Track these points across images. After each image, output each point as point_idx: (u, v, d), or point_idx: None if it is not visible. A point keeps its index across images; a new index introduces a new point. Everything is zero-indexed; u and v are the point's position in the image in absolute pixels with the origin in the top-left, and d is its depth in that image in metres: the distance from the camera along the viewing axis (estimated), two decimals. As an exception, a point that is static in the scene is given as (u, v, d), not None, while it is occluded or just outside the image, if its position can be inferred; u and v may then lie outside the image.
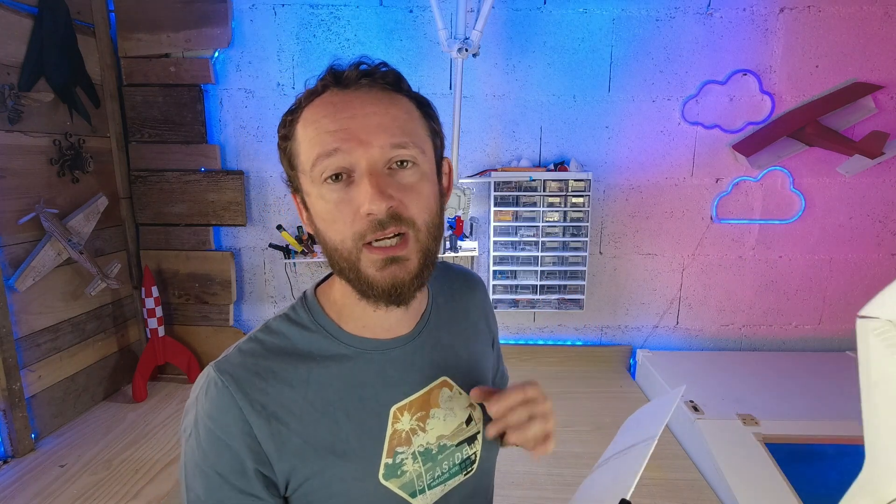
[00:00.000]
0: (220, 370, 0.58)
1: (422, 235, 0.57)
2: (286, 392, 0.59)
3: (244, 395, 0.57)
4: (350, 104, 0.56)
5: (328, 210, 0.56)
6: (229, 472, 0.56)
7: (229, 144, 2.44)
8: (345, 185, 0.55)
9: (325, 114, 0.56)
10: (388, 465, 0.62)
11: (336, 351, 0.62)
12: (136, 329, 2.49)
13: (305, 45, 2.35)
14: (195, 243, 2.46)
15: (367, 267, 0.56)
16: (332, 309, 0.64)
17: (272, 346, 0.61)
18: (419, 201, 0.57)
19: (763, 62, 2.31)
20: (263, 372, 0.59)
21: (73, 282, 2.10)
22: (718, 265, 2.52)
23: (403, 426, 0.63)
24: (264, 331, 0.63)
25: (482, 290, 0.82)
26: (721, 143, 2.39)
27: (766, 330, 2.57)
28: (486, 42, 2.30)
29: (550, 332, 2.62)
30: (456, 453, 0.67)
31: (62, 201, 2.04)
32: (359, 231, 0.54)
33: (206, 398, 0.57)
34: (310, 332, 0.63)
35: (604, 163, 2.43)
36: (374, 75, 0.58)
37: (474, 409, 0.70)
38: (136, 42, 2.29)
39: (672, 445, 1.83)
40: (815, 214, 2.44)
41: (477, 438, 0.69)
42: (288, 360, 0.60)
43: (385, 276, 0.55)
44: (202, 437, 0.56)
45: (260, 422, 0.57)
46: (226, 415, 0.56)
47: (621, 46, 2.33)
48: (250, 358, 0.60)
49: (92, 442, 1.91)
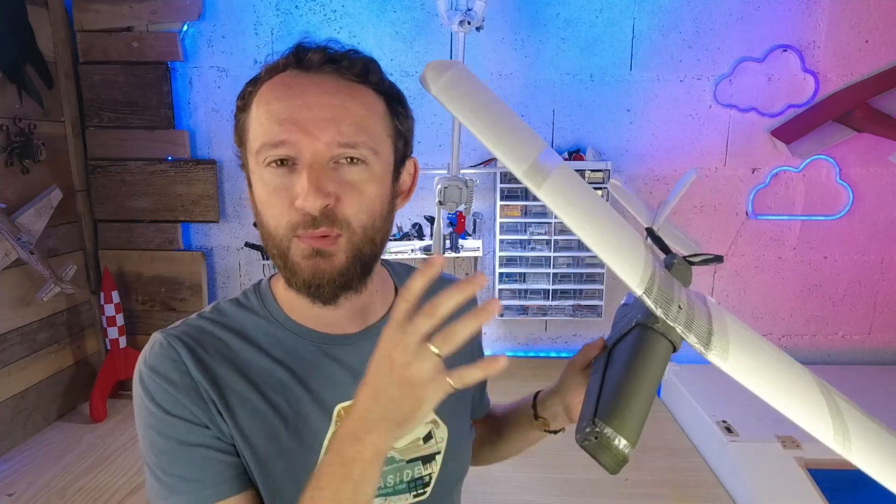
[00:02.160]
0: (165, 333, 0.64)
1: (355, 238, 0.61)
2: (228, 369, 0.64)
3: (191, 355, 0.63)
4: (306, 90, 0.59)
5: (267, 193, 0.60)
6: (185, 413, 0.61)
7: (200, 130, 2.44)
8: (287, 172, 0.59)
9: (278, 96, 0.60)
10: None
11: (281, 338, 0.67)
12: (94, 339, 2.48)
13: (286, 17, 2.34)
14: (161, 242, 2.45)
15: (294, 255, 0.60)
16: (281, 297, 0.70)
17: (220, 324, 0.67)
18: (360, 202, 0.60)
19: (806, 37, 2.31)
20: (208, 346, 0.65)
21: (23, 286, 2.10)
22: (755, 267, 2.51)
23: None
24: (214, 311, 0.69)
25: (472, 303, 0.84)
26: (758, 128, 2.39)
27: (808, 340, 2.57)
28: (492, 14, 2.29)
29: (565, 342, 2.62)
30: (405, 470, 0.70)
31: (10, 194, 2.04)
32: (292, 221, 0.59)
33: (150, 355, 0.63)
34: (258, 317, 0.68)
35: (624, 151, 2.43)
36: (339, 62, 0.61)
37: (437, 427, 0.72)
38: (94, 14, 2.29)
39: (702, 471, 1.83)
40: (865, 209, 2.44)
41: (435, 459, 0.71)
42: (234, 341, 0.66)
43: (308, 265, 0.60)
44: (151, 390, 0.61)
45: (204, 383, 0.62)
46: (169, 368, 0.62)
47: (645, 18, 2.32)
48: (197, 332, 0.66)
49: (44, 468, 1.91)
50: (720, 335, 0.55)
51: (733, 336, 0.56)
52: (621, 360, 0.60)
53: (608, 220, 0.58)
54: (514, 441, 0.88)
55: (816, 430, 0.51)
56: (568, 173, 0.58)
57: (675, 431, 2.08)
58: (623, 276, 0.52)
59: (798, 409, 0.52)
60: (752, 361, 0.54)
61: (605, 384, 0.59)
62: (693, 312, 0.57)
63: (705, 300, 0.63)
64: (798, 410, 0.52)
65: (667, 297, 0.56)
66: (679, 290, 0.60)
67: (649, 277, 0.55)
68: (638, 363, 0.58)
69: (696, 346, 0.54)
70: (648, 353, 0.58)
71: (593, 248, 0.52)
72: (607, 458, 0.53)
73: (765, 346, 0.58)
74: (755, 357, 0.55)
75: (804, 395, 0.54)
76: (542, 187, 0.52)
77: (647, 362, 0.58)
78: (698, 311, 0.58)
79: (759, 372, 0.53)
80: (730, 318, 0.59)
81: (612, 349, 0.65)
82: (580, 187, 0.58)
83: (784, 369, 0.56)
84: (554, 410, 0.77)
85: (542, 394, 0.81)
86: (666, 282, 0.58)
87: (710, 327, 0.56)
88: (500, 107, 0.62)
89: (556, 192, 0.54)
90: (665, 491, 1.72)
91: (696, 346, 0.54)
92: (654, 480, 1.76)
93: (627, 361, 0.59)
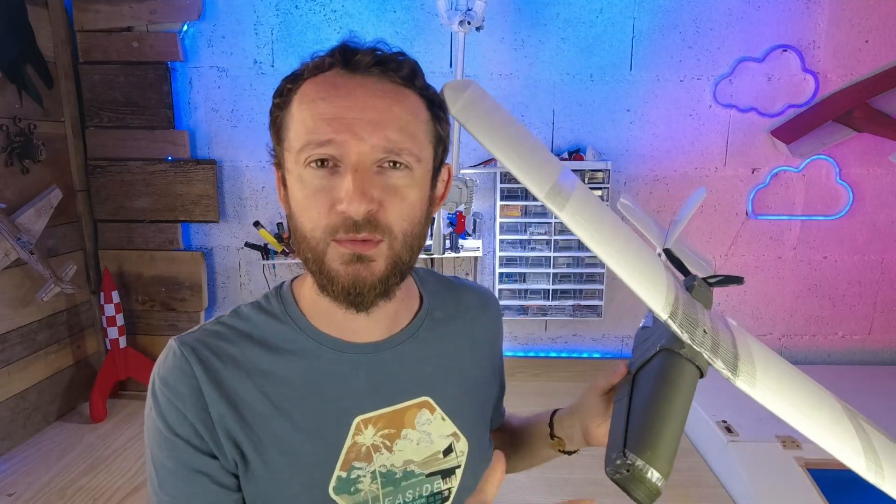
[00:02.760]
0: (180, 342, 0.63)
1: (396, 244, 0.59)
2: (243, 380, 0.62)
3: (202, 367, 0.61)
4: (353, 92, 0.58)
5: (305, 195, 0.58)
6: (190, 434, 0.60)
7: (200, 130, 2.44)
8: (328, 173, 0.57)
9: (324, 95, 0.57)
10: (342, 478, 0.63)
11: (302, 345, 0.65)
12: (94, 339, 2.49)
13: (286, 16, 2.35)
14: (161, 242, 2.45)
15: (332, 260, 0.58)
16: (304, 303, 0.68)
17: (238, 330, 0.65)
18: (401, 207, 0.59)
19: (806, 37, 2.31)
20: (223, 355, 0.63)
21: (23, 286, 2.10)
22: (755, 266, 2.52)
23: (365, 440, 0.65)
24: (233, 315, 0.67)
25: (495, 311, 0.84)
26: (758, 128, 2.39)
27: (808, 340, 2.57)
28: (492, 14, 2.30)
29: (564, 342, 2.62)
30: (425, 484, 0.68)
31: (10, 194, 2.04)
32: (331, 224, 0.57)
33: (164, 366, 0.62)
34: (279, 322, 0.66)
35: (624, 151, 2.43)
36: (387, 65, 0.59)
37: (457, 440, 0.70)
38: (95, 14, 2.29)
39: (702, 471, 1.83)
40: (865, 209, 2.44)
41: (455, 473, 0.70)
42: (251, 348, 0.64)
43: (349, 271, 0.58)
44: (161, 403, 0.61)
45: (214, 397, 0.61)
46: (180, 382, 0.60)
47: (645, 18, 2.32)
48: (213, 338, 0.64)
49: (44, 468, 1.91)
50: (746, 360, 0.54)
51: (759, 361, 0.55)
52: (647, 386, 0.58)
53: (629, 242, 0.57)
54: (526, 456, 0.87)
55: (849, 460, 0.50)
56: (587, 194, 0.57)
57: (675, 431, 2.08)
58: (648, 301, 0.51)
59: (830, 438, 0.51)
60: (779, 387, 0.53)
61: (632, 412, 0.58)
62: (718, 336, 0.56)
63: (727, 323, 0.61)
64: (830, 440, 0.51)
65: (692, 320, 0.55)
66: (703, 313, 0.59)
67: (673, 301, 0.54)
68: (666, 390, 0.56)
69: (723, 371, 0.53)
70: (675, 380, 0.56)
71: (617, 271, 0.52)
72: (640, 491, 0.51)
73: (789, 370, 0.57)
74: (782, 382, 0.54)
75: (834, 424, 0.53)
76: (564, 209, 0.52)
77: (674, 389, 0.56)
78: (723, 335, 0.57)
79: (787, 399, 0.52)
80: (752, 341, 0.58)
81: (636, 374, 0.63)
82: (599, 208, 0.58)
83: (811, 395, 0.55)
84: (571, 432, 0.76)
85: (559, 413, 0.80)
86: (689, 305, 0.58)
87: (735, 352, 0.55)
88: (516, 127, 0.61)
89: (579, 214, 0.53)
90: (665, 491, 1.71)
91: (724, 371, 0.53)
92: (654, 480, 1.76)
93: (654, 389, 0.57)
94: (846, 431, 0.53)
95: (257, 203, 2.49)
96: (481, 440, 0.74)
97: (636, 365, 0.64)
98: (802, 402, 0.54)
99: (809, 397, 0.55)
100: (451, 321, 0.75)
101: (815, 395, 0.55)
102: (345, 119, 0.56)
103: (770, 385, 0.53)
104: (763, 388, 0.52)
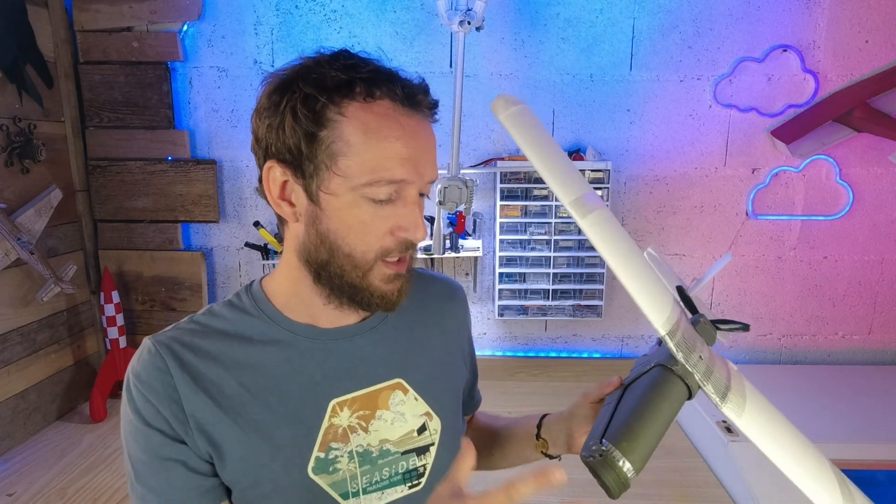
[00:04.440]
0: (155, 340, 0.66)
1: (414, 255, 0.69)
2: (219, 372, 0.66)
3: (177, 362, 0.64)
4: (417, 132, 0.64)
5: (362, 222, 0.63)
6: (164, 425, 0.63)
7: (200, 130, 2.44)
8: (385, 204, 0.63)
9: (396, 135, 0.62)
10: (320, 458, 0.67)
11: (275, 335, 0.69)
12: (94, 339, 2.48)
13: (286, 16, 2.35)
14: (161, 242, 2.45)
15: (375, 278, 0.65)
16: (276, 297, 0.72)
17: (211, 327, 0.69)
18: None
19: (806, 37, 2.31)
20: (199, 351, 0.66)
21: (23, 286, 2.10)
22: (755, 267, 2.52)
23: (341, 422, 0.68)
24: (206, 313, 0.71)
25: (462, 301, 0.90)
26: (758, 128, 2.39)
27: (808, 340, 2.57)
28: (492, 14, 2.29)
29: (564, 342, 2.62)
30: (400, 461, 0.71)
31: (10, 194, 2.04)
32: (386, 247, 0.64)
33: (138, 362, 0.65)
34: (250, 317, 0.70)
35: (625, 151, 2.43)
36: (433, 104, 0.68)
37: (430, 419, 0.74)
38: (95, 14, 2.29)
39: (702, 472, 1.83)
40: (865, 209, 2.44)
41: (429, 450, 0.74)
42: (225, 342, 0.68)
43: (392, 288, 0.66)
44: (134, 398, 0.64)
45: (188, 392, 0.63)
46: (154, 377, 0.63)
47: (645, 19, 2.32)
48: (187, 335, 0.67)
49: (44, 468, 1.91)
50: (737, 393, 0.56)
51: (751, 398, 0.57)
52: (636, 393, 0.61)
53: (642, 263, 0.60)
54: (509, 455, 0.89)
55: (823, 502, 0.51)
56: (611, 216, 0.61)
57: (675, 431, 2.08)
58: (649, 315, 0.54)
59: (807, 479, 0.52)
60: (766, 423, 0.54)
61: (616, 413, 0.60)
62: (713, 367, 0.58)
63: (727, 365, 0.64)
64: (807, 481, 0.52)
65: (689, 345, 0.57)
66: (702, 345, 0.61)
67: (675, 322, 0.56)
68: (652, 397, 0.59)
69: (711, 395, 0.55)
70: (664, 391, 0.59)
71: (625, 282, 0.54)
72: (610, 477, 0.54)
73: (782, 418, 0.59)
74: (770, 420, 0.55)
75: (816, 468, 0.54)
76: (586, 217, 0.56)
77: (661, 397, 0.58)
78: (718, 368, 0.59)
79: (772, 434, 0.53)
80: (749, 386, 0.60)
81: (627, 386, 0.66)
82: (619, 229, 0.61)
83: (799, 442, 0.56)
84: (557, 436, 0.79)
85: (549, 417, 0.83)
86: (690, 333, 0.60)
87: (728, 384, 0.57)
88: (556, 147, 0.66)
89: (599, 225, 0.57)
90: (665, 491, 1.72)
91: (712, 395, 0.55)
92: (654, 480, 1.76)
93: (642, 395, 0.59)
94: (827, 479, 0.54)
95: (257, 203, 2.49)
96: (454, 419, 0.79)
97: (630, 379, 0.67)
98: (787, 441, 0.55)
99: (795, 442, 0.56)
100: (419, 309, 0.80)
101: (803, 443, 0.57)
102: (417, 160, 0.63)
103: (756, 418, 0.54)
104: (749, 418, 0.54)
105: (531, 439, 0.82)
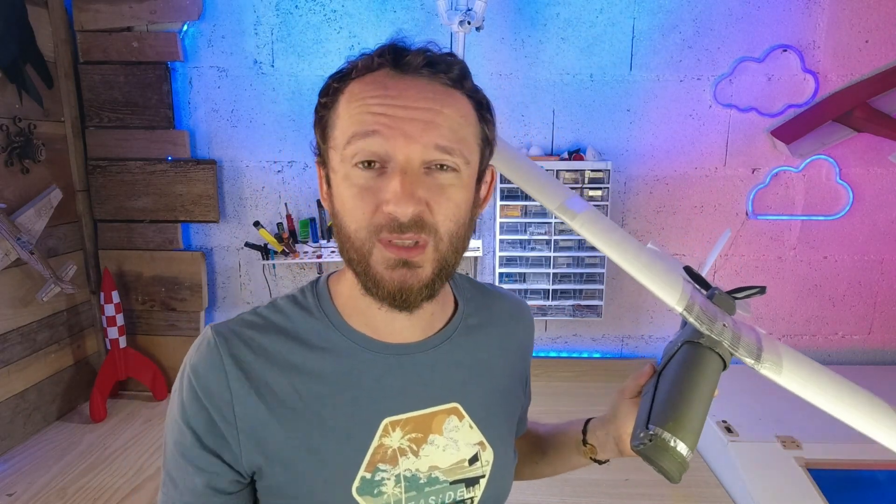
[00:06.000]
0: (216, 330, 0.63)
1: (442, 245, 0.58)
2: (274, 373, 0.62)
3: (233, 360, 0.62)
4: (404, 93, 0.57)
5: (351, 195, 0.57)
6: (201, 429, 0.60)
7: (199, 130, 2.44)
8: (376, 174, 0.57)
9: (373, 94, 0.57)
10: (365, 479, 0.63)
11: (335, 343, 0.65)
12: (94, 339, 2.48)
13: (286, 17, 2.34)
14: (161, 242, 2.45)
15: (377, 263, 0.58)
16: (339, 300, 0.67)
17: (272, 323, 0.65)
18: (448, 208, 0.58)
19: (806, 37, 2.31)
20: (256, 347, 0.63)
21: (23, 286, 2.10)
22: (755, 267, 2.51)
23: (392, 443, 0.64)
24: (269, 307, 0.67)
25: (528, 322, 0.85)
26: (758, 128, 2.39)
27: (808, 340, 2.57)
28: (492, 13, 2.29)
29: (564, 342, 2.62)
30: (448, 491, 0.67)
31: (10, 194, 2.04)
32: (376, 224, 0.56)
33: (197, 353, 0.63)
34: (313, 318, 0.66)
35: (625, 151, 2.43)
36: (437, 66, 0.59)
37: (483, 450, 0.69)
38: (95, 14, 2.29)
39: (702, 471, 1.83)
40: (865, 209, 2.44)
41: (479, 483, 0.69)
42: (283, 342, 0.64)
43: (394, 277, 0.58)
44: (185, 389, 0.61)
45: (242, 392, 0.61)
46: (209, 374, 0.61)
47: (645, 18, 2.32)
48: (248, 329, 0.64)
49: (44, 468, 1.91)
50: (772, 352, 0.55)
51: (787, 356, 0.56)
52: (671, 375, 0.59)
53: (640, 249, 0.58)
54: (556, 463, 0.86)
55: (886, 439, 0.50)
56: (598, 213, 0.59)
57: (675, 431, 2.08)
58: (661, 295, 0.52)
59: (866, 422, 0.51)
60: (808, 375, 0.53)
61: (656, 397, 0.58)
62: (740, 333, 0.57)
63: (755, 330, 0.62)
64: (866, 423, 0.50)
65: (710, 317, 0.56)
66: (723, 315, 0.60)
67: (689, 298, 0.54)
68: (687, 373, 0.57)
69: (745, 359, 0.53)
70: (698, 365, 0.57)
71: (629, 269, 0.53)
72: (666, 460, 0.51)
73: (823, 369, 0.57)
74: (812, 372, 0.54)
75: (869, 408, 0.52)
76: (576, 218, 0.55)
77: (696, 372, 0.57)
78: (746, 333, 0.58)
79: (817, 385, 0.52)
80: (784, 346, 0.59)
81: (661, 372, 0.64)
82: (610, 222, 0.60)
83: (847, 387, 0.55)
84: (604, 440, 0.76)
85: (593, 421, 0.80)
86: (708, 306, 0.58)
87: (759, 346, 0.55)
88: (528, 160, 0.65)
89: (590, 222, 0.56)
90: (665, 491, 1.72)
91: (746, 359, 0.53)
92: (654, 480, 1.76)
93: (677, 374, 0.58)
94: (883, 411, 0.53)
95: (257, 203, 2.49)
96: (507, 451, 0.74)
97: (661, 364, 0.66)
98: (834, 389, 0.54)
99: (844, 387, 0.55)
100: (484, 328, 0.75)
101: (851, 388, 0.55)
102: (395, 117, 0.55)
103: (797, 370, 0.53)
104: (790, 373, 0.52)
105: (577, 445, 0.79)
